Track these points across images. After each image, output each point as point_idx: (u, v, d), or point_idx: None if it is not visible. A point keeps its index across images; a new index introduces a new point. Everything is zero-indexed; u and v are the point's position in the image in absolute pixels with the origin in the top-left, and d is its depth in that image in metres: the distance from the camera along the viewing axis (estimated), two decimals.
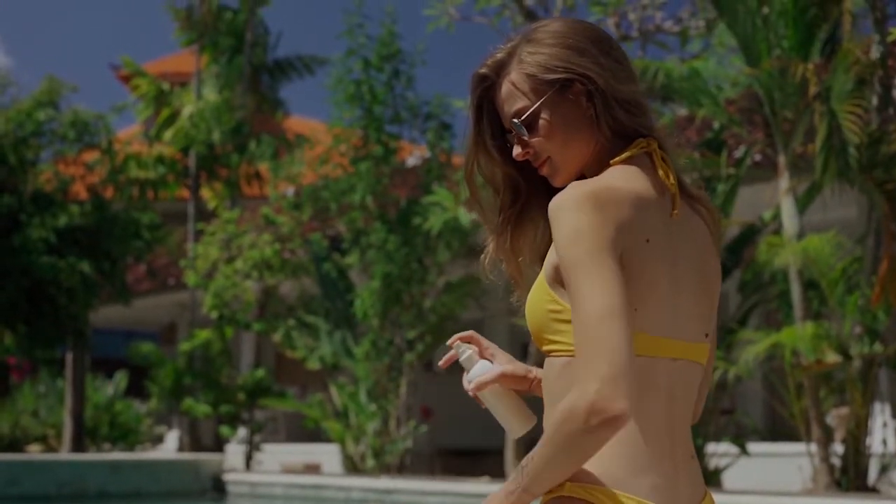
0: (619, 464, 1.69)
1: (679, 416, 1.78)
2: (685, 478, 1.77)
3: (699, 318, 1.80)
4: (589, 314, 1.62)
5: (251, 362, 16.71)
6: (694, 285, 1.80)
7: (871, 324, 7.73)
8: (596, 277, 1.64)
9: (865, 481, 7.77)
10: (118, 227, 13.86)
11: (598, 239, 1.65)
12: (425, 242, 11.68)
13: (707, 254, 1.84)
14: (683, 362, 1.77)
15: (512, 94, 1.86)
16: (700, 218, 1.85)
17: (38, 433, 15.25)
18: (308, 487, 9.98)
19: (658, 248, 1.73)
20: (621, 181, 1.75)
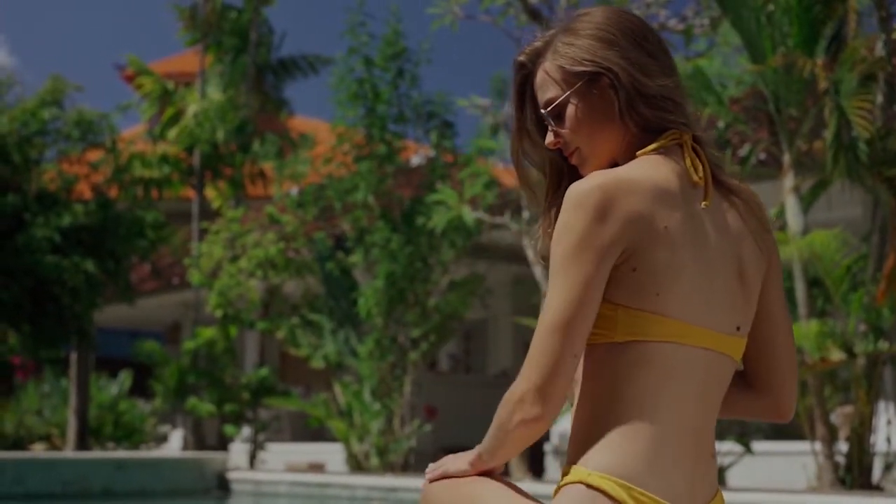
0: (644, 461, 1.69)
1: (707, 411, 1.78)
2: (703, 477, 1.77)
3: (732, 309, 1.80)
4: (543, 321, 1.71)
5: (255, 361, 16.73)
6: (727, 276, 1.79)
7: (876, 321, 7.72)
8: (562, 282, 1.70)
9: (869, 479, 7.76)
10: (122, 226, 13.87)
11: (584, 239, 1.69)
12: (429, 241, 11.68)
13: (742, 244, 1.82)
14: (714, 354, 1.77)
15: (544, 83, 1.89)
16: (735, 210, 1.84)
17: (42, 432, 15.26)
18: (312, 486, 9.98)
19: (679, 235, 1.73)
20: (639, 171, 1.76)
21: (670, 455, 1.71)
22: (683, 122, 1.83)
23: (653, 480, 1.69)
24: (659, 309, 1.71)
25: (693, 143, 1.82)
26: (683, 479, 1.72)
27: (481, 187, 10.92)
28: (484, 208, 11.30)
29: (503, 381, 13.19)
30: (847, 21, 8.04)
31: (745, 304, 1.82)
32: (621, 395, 1.71)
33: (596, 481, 1.68)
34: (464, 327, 16.57)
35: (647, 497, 1.67)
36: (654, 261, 1.71)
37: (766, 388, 1.92)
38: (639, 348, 1.71)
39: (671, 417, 1.71)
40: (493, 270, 13.75)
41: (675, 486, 1.71)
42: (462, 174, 11.35)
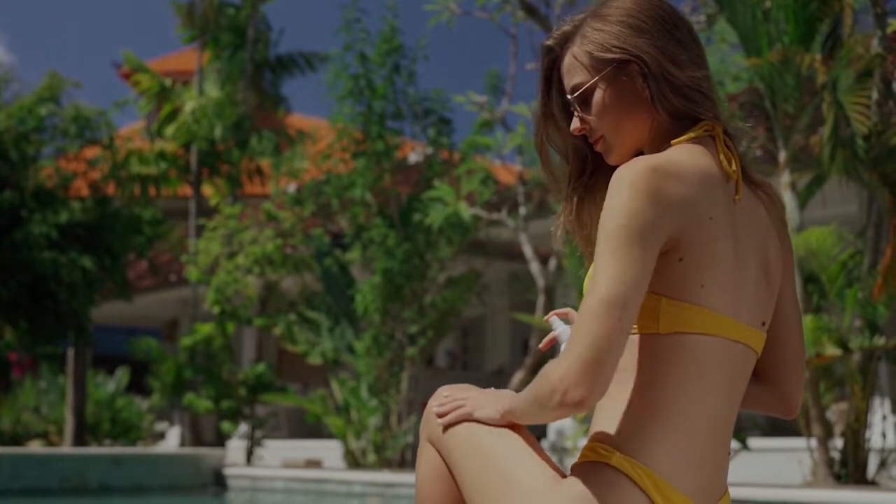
0: (671, 452, 1.69)
1: (733, 404, 1.78)
2: (721, 472, 1.78)
3: (760, 304, 1.80)
4: (593, 297, 1.64)
5: (252, 358, 16.73)
6: (756, 271, 1.79)
7: (871, 317, 7.74)
8: (614, 259, 1.64)
9: (864, 475, 7.78)
10: (120, 223, 13.87)
11: (637, 222, 1.65)
12: (426, 238, 11.68)
13: (768, 242, 1.83)
14: (743, 347, 1.77)
15: (572, 68, 1.87)
16: (762, 204, 1.84)
17: (39, 429, 15.26)
18: (309, 481, 9.99)
19: (721, 226, 1.72)
20: (687, 157, 1.74)
21: (698, 449, 1.71)
22: (713, 114, 1.82)
23: (677, 473, 1.69)
24: (701, 301, 1.70)
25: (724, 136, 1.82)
26: (705, 474, 1.73)
27: (478, 184, 10.92)
28: (481, 205, 11.31)
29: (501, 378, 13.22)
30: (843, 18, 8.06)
31: (769, 300, 1.83)
32: (657, 385, 1.70)
33: (622, 465, 1.68)
34: (461, 324, 16.58)
35: (668, 488, 1.67)
36: (700, 251, 1.70)
37: (775, 383, 1.93)
38: (679, 339, 1.70)
39: (703, 410, 1.71)
40: (491, 267, 13.76)
41: (696, 480, 1.71)
42: (459, 170, 11.36)
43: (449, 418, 1.84)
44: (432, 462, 1.91)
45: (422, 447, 1.95)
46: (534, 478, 1.72)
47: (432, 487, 1.90)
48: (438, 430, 1.89)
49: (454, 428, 1.86)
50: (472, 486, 1.80)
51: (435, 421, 1.91)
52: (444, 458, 1.88)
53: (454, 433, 1.85)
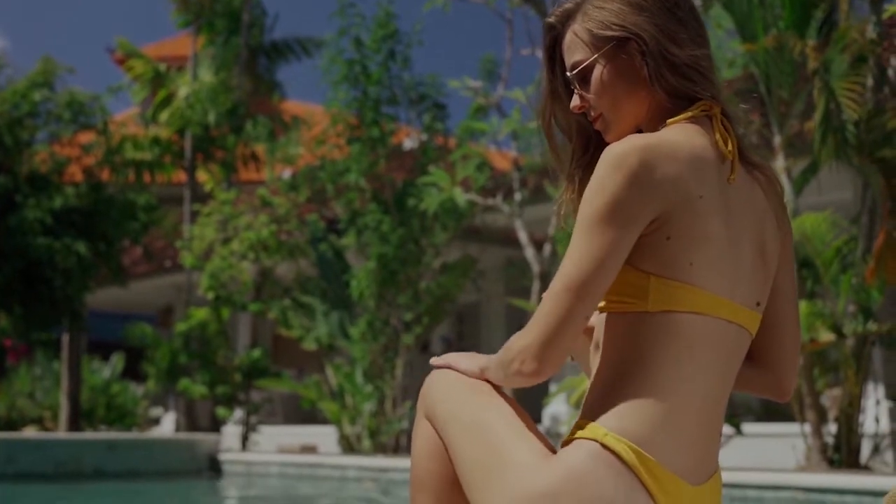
0: (661, 431, 1.69)
1: (725, 384, 1.78)
2: (711, 452, 1.78)
3: (754, 285, 1.80)
4: (557, 280, 1.70)
5: (248, 344, 16.74)
6: (751, 251, 1.79)
7: (865, 302, 7.75)
8: (585, 243, 1.67)
9: (858, 459, 7.81)
10: (114, 208, 13.85)
11: (613, 202, 1.66)
12: (421, 224, 11.68)
13: (765, 222, 1.83)
14: (735, 327, 1.77)
15: (572, 46, 1.88)
16: (758, 185, 1.84)
17: (34, 415, 15.27)
18: (304, 466, 10.00)
19: (713, 205, 1.72)
20: (680, 136, 1.74)
21: (687, 428, 1.71)
22: (712, 94, 1.81)
23: (665, 451, 1.69)
24: (691, 279, 1.70)
25: (722, 117, 1.82)
26: (694, 453, 1.73)
27: (473, 169, 10.91)
28: (476, 190, 11.30)
29: None
30: (839, 3, 8.05)
31: (765, 281, 1.82)
32: (646, 363, 1.71)
33: (611, 442, 1.68)
34: (456, 310, 16.58)
35: (657, 467, 1.68)
36: (688, 229, 1.70)
37: (770, 366, 1.93)
38: (668, 318, 1.71)
39: (693, 389, 1.71)
40: (486, 253, 13.76)
41: (685, 459, 1.71)
42: (454, 156, 11.35)
43: (436, 361, 1.98)
44: (428, 438, 1.92)
45: (418, 423, 1.95)
46: (524, 453, 1.73)
47: (427, 464, 1.91)
48: (435, 406, 1.90)
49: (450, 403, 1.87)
50: (465, 461, 1.81)
51: (431, 397, 1.92)
52: (439, 433, 1.89)
53: (450, 409, 1.86)
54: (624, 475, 1.67)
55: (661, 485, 1.68)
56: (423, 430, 1.93)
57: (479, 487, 1.77)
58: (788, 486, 6.34)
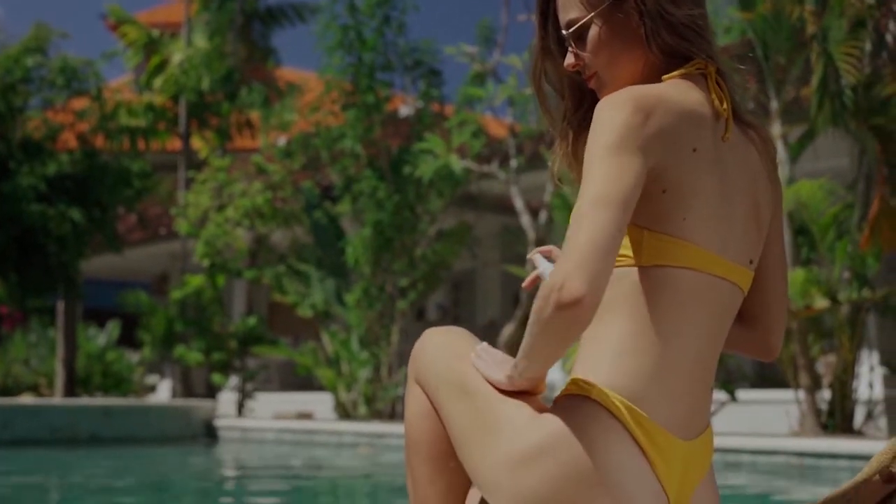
0: (651, 386, 1.69)
1: (716, 341, 1.78)
2: (701, 408, 1.77)
3: (747, 243, 1.79)
4: (582, 200, 1.62)
5: (243, 311, 16.75)
6: (744, 210, 1.79)
7: (861, 269, 7.76)
8: (604, 168, 1.63)
9: (851, 425, 7.84)
10: (108, 175, 13.80)
11: (624, 133, 1.64)
12: (416, 190, 11.66)
13: (758, 181, 1.82)
14: (728, 284, 1.76)
15: (567, 3, 1.86)
16: (752, 145, 1.83)
17: (29, 382, 15.31)
18: (300, 433, 10.03)
19: (706, 161, 1.71)
20: (673, 92, 1.73)
21: (677, 382, 1.71)
22: (707, 54, 1.80)
23: (656, 406, 1.69)
24: (684, 234, 1.70)
25: (717, 76, 1.80)
26: (684, 408, 1.73)
27: (469, 136, 10.87)
28: (472, 157, 11.27)
29: (492, 331, 13.25)
30: None
31: (758, 239, 1.82)
32: (638, 318, 1.70)
33: (601, 397, 1.68)
34: (452, 277, 16.60)
35: (647, 421, 1.68)
36: (682, 183, 1.69)
37: (757, 325, 1.93)
38: (660, 273, 1.70)
39: (684, 345, 1.71)
40: (482, 220, 13.75)
41: (675, 414, 1.71)
42: (450, 122, 11.30)
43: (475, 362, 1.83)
44: (419, 401, 1.92)
45: (409, 387, 1.96)
46: (514, 412, 1.73)
47: (420, 425, 1.92)
48: (424, 370, 1.91)
49: (439, 368, 1.87)
50: (455, 423, 1.81)
51: (421, 362, 1.92)
52: (430, 397, 1.90)
53: (439, 373, 1.86)
54: (615, 430, 1.67)
55: (652, 439, 1.68)
56: (415, 394, 1.93)
57: (471, 448, 1.77)
58: (782, 450, 6.37)
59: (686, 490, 1.76)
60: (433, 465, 1.91)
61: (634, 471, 1.67)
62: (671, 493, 1.72)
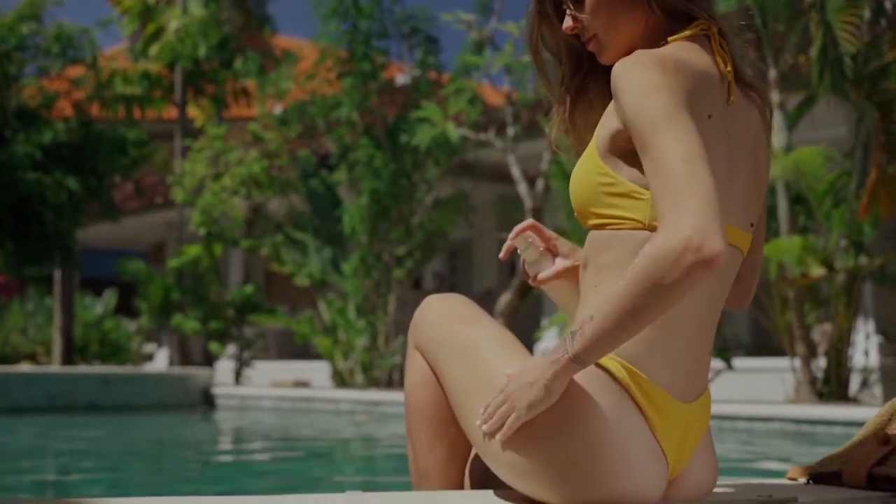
0: (653, 348, 1.69)
1: (717, 304, 1.78)
2: (700, 371, 1.78)
3: (749, 206, 1.80)
4: (674, 159, 1.56)
5: (240, 280, 16.75)
6: (746, 173, 1.78)
7: (857, 237, 7.77)
8: (676, 127, 1.59)
9: (846, 392, 7.87)
10: (104, 143, 13.74)
11: (669, 91, 1.61)
12: (413, 159, 11.63)
13: (759, 144, 1.82)
14: (732, 248, 1.76)
15: None
16: (754, 106, 1.82)
17: (27, 351, 15.32)
18: (297, 400, 10.07)
19: (717, 126, 1.70)
20: (684, 54, 1.71)
21: (677, 345, 1.71)
22: (709, 14, 1.78)
23: (656, 368, 1.69)
24: None
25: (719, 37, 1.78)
26: (684, 371, 1.73)
27: (465, 104, 10.83)
28: (468, 125, 11.23)
29: (488, 300, 13.26)
30: None
31: (757, 201, 1.82)
32: None
33: (601, 360, 1.68)
34: (449, 246, 16.59)
35: (647, 383, 1.68)
36: None
37: (739, 281, 1.92)
38: None
39: (685, 307, 1.70)
40: (478, 189, 13.73)
41: (675, 377, 1.72)
42: (446, 90, 11.26)
43: (505, 433, 1.67)
44: (419, 368, 1.93)
45: (410, 354, 1.96)
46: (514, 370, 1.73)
47: (419, 391, 1.92)
48: (424, 336, 1.91)
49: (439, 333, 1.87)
50: (454, 385, 1.81)
51: (420, 328, 1.93)
52: (430, 363, 1.90)
53: (440, 338, 1.86)
54: (614, 391, 1.67)
55: (652, 400, 1.69)
56: (415, 361, 1.94)
57: (470, 409, 1.77)
58: (778, 417, 6.40)
59: (685, 452, 1.77)
60: (433, 431, 1.91)
61: (634, 432, 1.68)
62: (670, 454, 1.73)
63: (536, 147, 11.58)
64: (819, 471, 2.09)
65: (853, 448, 2.06)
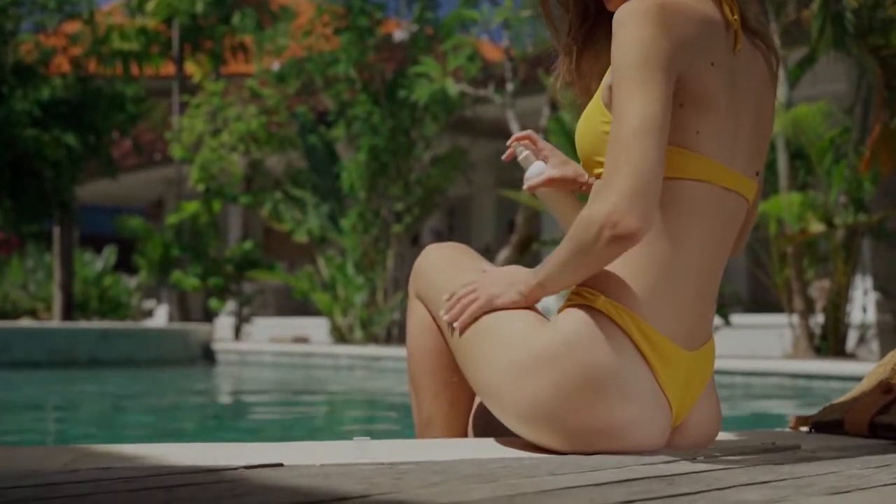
0: (656, 296, 1.70)
1: (723, 252, 1.79)
2: (705, 319, 1.79)
3: (753, 154, 1.80)
4: (624, 127, 1.61)
5: (239, 237, 16.75)
6: (751, 122, 1.79)
7: (857, 193, 7.77)
8: (640, 89, 1.62)
9: (844, 348, 7.91)
10: (102, 99, 13.69)
11: (654, 51, 1.63)
12: (411, 115, 11.59)
13: (764, 92, 1.82)
14: (735, 196, 1.77)
15: None
16: (760, 54, 1.82)
17: (27, 307, 15.35)
18: (297, 355, 10.11)
19: (720, 74, 1.71)
20: (691, 1, 1.72)
21: (682, 293, 1.73)
22: None
23: (660, 316, 1.70)
24: (697, 147, 1.70)
25: None
26: (688, 319, 1.74)
27: (464, 59, 10.78)
28: (467, 81, 11.19)
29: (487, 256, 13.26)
30: None
31: (762, 150, 1.83)
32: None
33: (606, 308, 1.69)
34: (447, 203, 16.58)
35: (650, 330, 1.69)
36: (699, 96, 1.69)
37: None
38: (674, 185, 1.70)
39: (690, 256, 1.72)
40: (477, 145, 13.69)
41: (679, 324, 1.73)
42: (445, 45, 11.20)
43: (465, 318, 1.78)
44: (421, 317, 1.94)
45: (411, 304, 1.97)
46: (517, 322, 1.74)
47: (422, 340, 1.93)
48: (425, 285, 1.92)
49: (441, 279, 1.88)
50: (458, 339, 1.82)
51: (422, 276, 1.93)
52: (431, 311, 1.91)
53: (441, 285, 1.87)
54: (618, 338, 1.68)
55: (655, 348, 1.70)
56: (416, 310, 1.95)
57: (475, 359, 1.78)
58: (775, 372, 6.44)
59: (688, 399, 1.78)
60: (436, 379, 1.92)
61: (637, 378, 1.69)
62: (673, 401, 1.75)
63: (536, 103, 11.53)
64: (821, 420, 2.11)
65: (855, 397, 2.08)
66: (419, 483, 1.31)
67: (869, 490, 1.30)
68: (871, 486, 1.33)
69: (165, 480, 1.32)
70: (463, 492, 1.24)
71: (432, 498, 1.19)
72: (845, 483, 1.36)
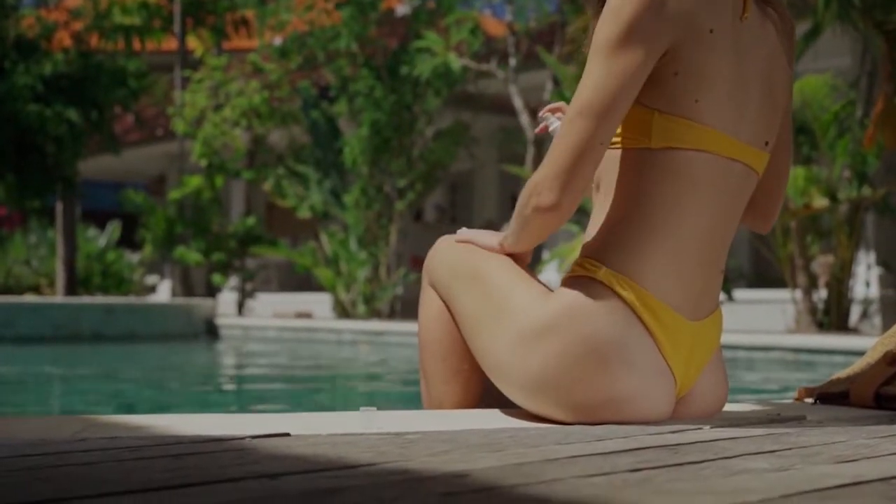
0: (659, 266, 1.70)
1: (728, 223, 1.78)
2: (710, 290, 1.79)
3: (762, 124, 1.78)
4: (574, 104, 1.67)
5: (241, 213, 16.74)
6: (760, 91, 1.77)
7: (861, 167, 7.75)
8: (601, 68, 1.64)
9: (846, 323, 7.92)
10: (104, 74, 13.65)
11: (629, 26, 1.63)
12: (414, 90, 11.56)
13: (775, 61, 1.80)
14: (741, 166, 1.76)
15: None
16: (771, 23, 1.80)
17: (31, 283, 15.36)
18: (300, 330, 10.13)
19: (723, 42, 1.69)
20: None
21: (685, 263, 1.72)
22: None
23: (663, 286, 1.70)
24: (696, 116, 1.69)
25: None
26: (692, 289, 1.74)
27: (467, 33, 10.74)
28: (469, 55, 11.15)
29: None
30: None
31: (773, 120, 1.81)
32: (647, 201, 1.70)
33: (607, 278, 1.69)
34: (450, 178, 16.57)
35: (653, 300, 1.69)
36: (696, 65, 1.68)
37: (758, 203, 1.92)
38: (671, 155, 1.70)
39: (693, 226, 1.71)
40: (479, 120, 13.67)
41: (683, 295, 1.73)
42: (447, 20, 11.15)
43: (456, 238, 1.95)
44: (433, 304, 1.95)
45: (424, 292, 1.98)
46: (522, 295, 1.75)
47: (433, 327, 1.95)
48: (437, 271, 1.93)
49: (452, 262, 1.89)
50: (467, 314, 1.83)
51: (434, 263, 1.94)
52: (443, 297, 1.91)
53: (452, 267, 1.88)
54: (620, 309, 1.69)
55: (658, 318, 1.70)
56: (429, 297, 1.96)
57: (481, 334, 1.79)
58: (778, 346, 6.45)
59: (692, 370, 1.78)
60: (446, 366, 1.94)
61: (640, 349, 1.69)
62: (677, 371, 1.75)
63: (538, 78, 11.50)
64: (826, 391, 2.12)
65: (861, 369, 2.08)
66: (426, 452, 1.32)
67: (876, 459, 1.30)
68: (878, 455, 1.33)
69: (172, 450, 1.33)
70: (470, 460, 1.24)
71: (439, 466, 1.19)
72: (852, 452, 1.37)
